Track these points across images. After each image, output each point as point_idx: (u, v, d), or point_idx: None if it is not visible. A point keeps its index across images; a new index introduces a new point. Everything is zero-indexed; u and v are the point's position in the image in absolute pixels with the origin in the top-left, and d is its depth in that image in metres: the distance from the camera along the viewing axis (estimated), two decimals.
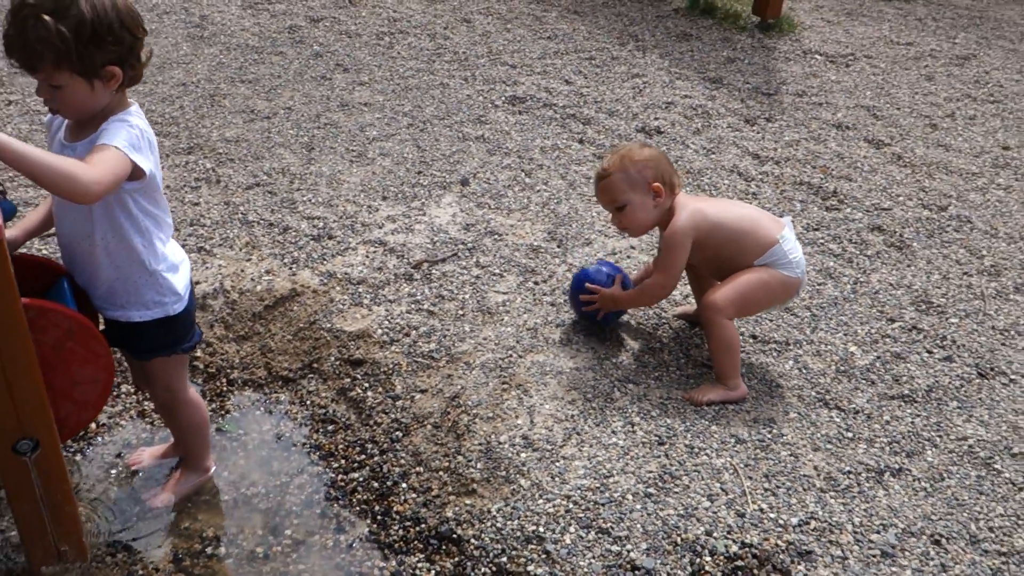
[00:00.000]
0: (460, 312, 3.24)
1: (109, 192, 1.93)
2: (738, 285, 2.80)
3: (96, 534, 2.43)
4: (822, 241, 3.81)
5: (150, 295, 2.20)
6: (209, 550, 2.42)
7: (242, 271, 3.42)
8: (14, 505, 2.04)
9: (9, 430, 1.93)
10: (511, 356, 2.99)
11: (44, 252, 3.31)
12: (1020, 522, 2.41)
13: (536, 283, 3.44)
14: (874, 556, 2.27)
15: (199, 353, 3.07)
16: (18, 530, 2.10)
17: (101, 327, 2.26)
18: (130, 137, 1.97)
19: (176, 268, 2.24)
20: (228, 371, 3.05)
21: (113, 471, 2.66)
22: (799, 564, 2.23)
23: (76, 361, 2.05)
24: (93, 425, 2.75)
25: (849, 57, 6.28)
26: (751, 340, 3.12)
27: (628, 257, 3.65)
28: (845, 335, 3.17)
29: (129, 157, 1.95)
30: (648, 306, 3.03)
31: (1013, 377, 3.00)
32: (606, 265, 3.13)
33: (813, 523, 2.36)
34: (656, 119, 5.07)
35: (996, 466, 2.61)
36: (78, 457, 2.67)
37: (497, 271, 3.51)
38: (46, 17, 1.85)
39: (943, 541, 2.33)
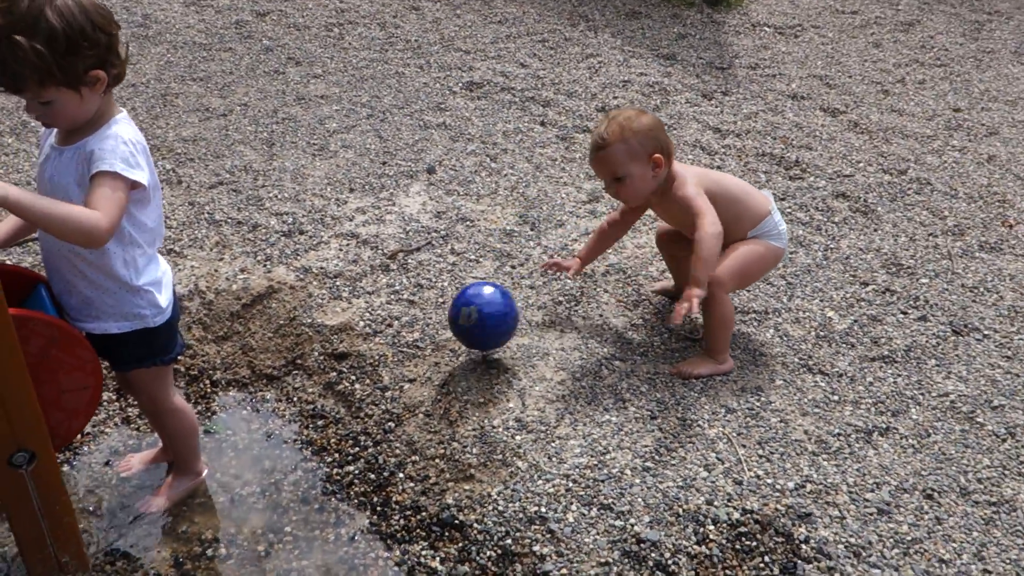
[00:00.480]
0: (440, 300, 3.23)
1: (118, 223, 1.91)
2: (737, 258, 2.82)
3: (94, 543, 2.38)
4: (790, 210, 3.87)
5: (129, 308, 2.14)
6: (210, 552, 2.40)
7: (216, 271, 3.37)
8: (12, 518, 2.00)
9: (3, 443, 1.89)
10: None
11: (28, 263, 3.23)
12: (1007, 472, 2.48)
13: (513, 267, 3.44)
14: (871, 514, 2.32)
15: (179, 356, 3.02)
16: (17, 543, 2.05)
17: None
18: (122, 155, 1.94)
19: (159, 282, 2.18)
20: (210, 372, 3.00)
21: (103, 479, 2.61)
22: (800, 527, 2.27)
23: (63, 369, 2.01)
24: (78, 435, 2.69)
25: (797, 28, 6.37)
26: None
27: None
28: (821, 301, 3.22)
29: (125, 176, 1.93)
30: (717, 256, 2.71)
31: (986, 332, 3.08)
32: (479, 288, 2.87)
33: (809, 486, 2.41)
34: (615, 98, 5.09)
35: (979, 419, 2.68)
36: (66, 468, 2.62)
37: (473, 257, 3.51)
38: (18, 38, 1.78)
39: (935, 495, 2.39)
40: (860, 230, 3.72)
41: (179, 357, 2.39)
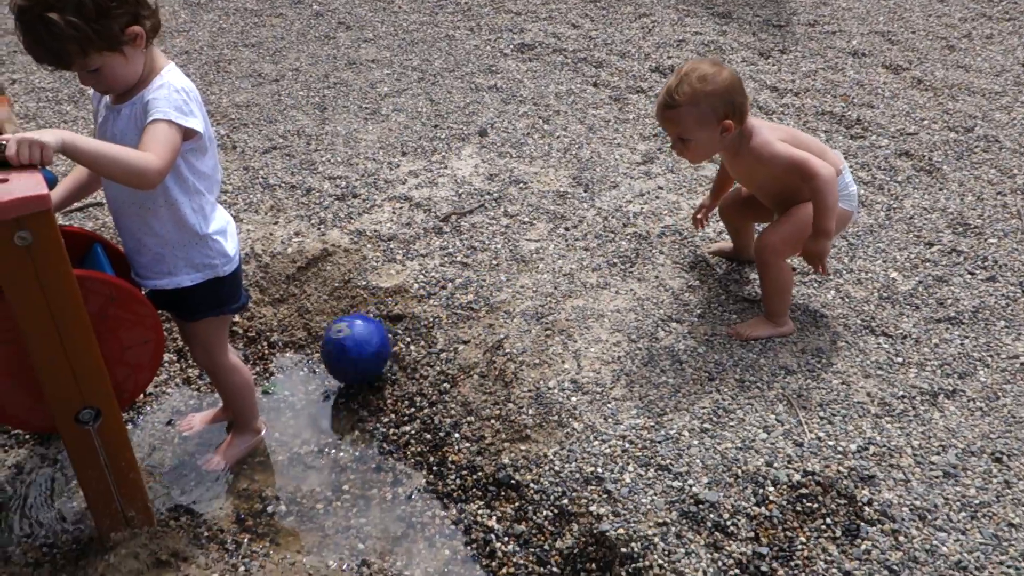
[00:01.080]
0: (494, 262, 3.21)
1: (169, 167, 1.93)
2: (795, 223, 2.70)
3: (158, 499, 2.43)
4: (851, 169, 3.75)
5: (200, 258, 2.18)
6: (270, 508, 2.43)
7: (271, 234, 3.39)
8: (80, 474, 2.04)
9: (71, 401, 1.93)
10: (550, 302, 2.98)
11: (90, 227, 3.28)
12: None
13: (567, 229, 3.41)
14: (936, 477, 2.27)
15: (237, 318, 3.05)
16: (86, 498, 2.10)
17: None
18: (175, 103, 1.96)
19: (225, 231, 2.23)
20: (268, 334, 3.03)
21: (166, 438, 2.66)
22: (863, 489, 2.23)
23: (123, 326, 2.04)
24: (144, 391, 2.73)
25: None
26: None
27: (656, 198, 3.61)
28: (884, 262, 3.14)
29: (179, 124, 1.95)
30: (837, 199, 2.63)
31: None
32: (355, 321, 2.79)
33: (872, 448, 2.36)
34: (669, 58, 5.00)
35: None
36: (130, 426, 2.66)
37: (526, 219, 3.48)
38: (49, 15, 1.80)
39: (1004, 458, 2.32)
40: (924, 189, 3.61)
41: (244, 308, 2.42)
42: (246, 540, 2.31)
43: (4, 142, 1.71)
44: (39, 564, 2.21)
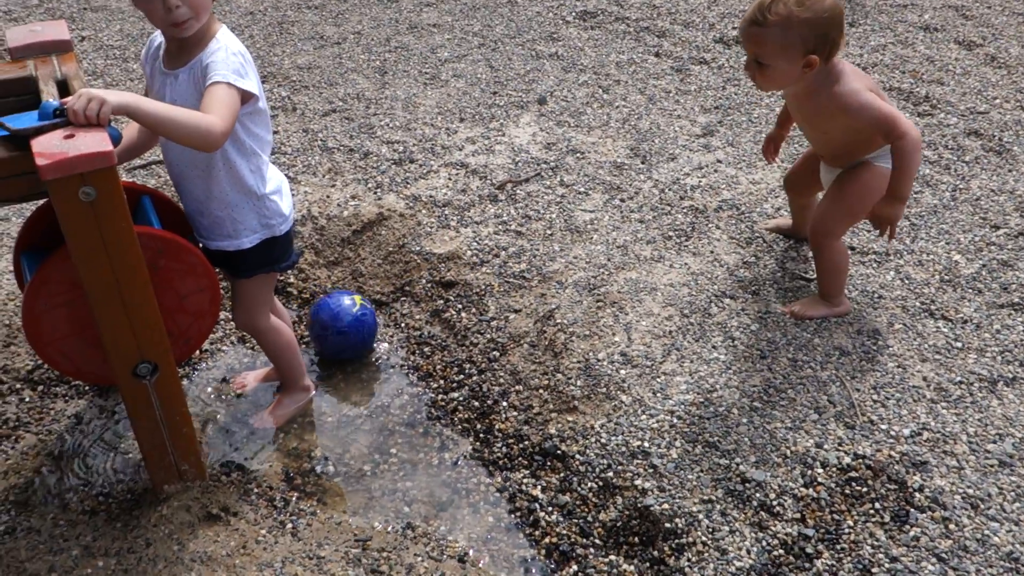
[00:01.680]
0: (548, 232, 3.20)
1: (231, 128, 1.96)
2: (847, 199, 2.64)
3: (211, 454, 2.49)
4: None
5: (259, 219, 2.22)
6: (318, 468, 2.47)
7: (328, 197, 3.42)
8: (136, 427, 2.10)
9: (129, 355, 1.97)
10: (603, 274, 2.96)
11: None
12: None
13: (623, 200, 3.38)
14: (991, 466, 2.22)
15: (292, 279, 3.09)
16: (141, 451, 2.16)
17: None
18: (233, 65, 1.98)
19: (280, 190, 2.26)
20: (321, 296, 3.06)
21: (220, 395, 2.71)
22: (915, 475, 2.19)
23: (176, 276, 2.07)
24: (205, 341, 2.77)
25: None
26: (849, 251, 3.03)
27: (715, 172, 3.56)
28: (947, 244, 3.06)
29: (238, 87, 1.97)
30: (916, 168, 2.49)
31: None
32: (343, 297, 2.82)
33: (926, 434, 2.31)
34: (734, 28, 4.90)
35: None
36: (185, 382, 2.72)
37: (582, 189, 3.46)
38: None
39: None
40: (993, 170, 3.50)
41: (290, 275, 2.45)
42: (294, 498, 2.35)
43: (52, 102, 1.75)
44: (95, 512, 2.28)
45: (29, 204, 2.81)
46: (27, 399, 2.62)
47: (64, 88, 1.98)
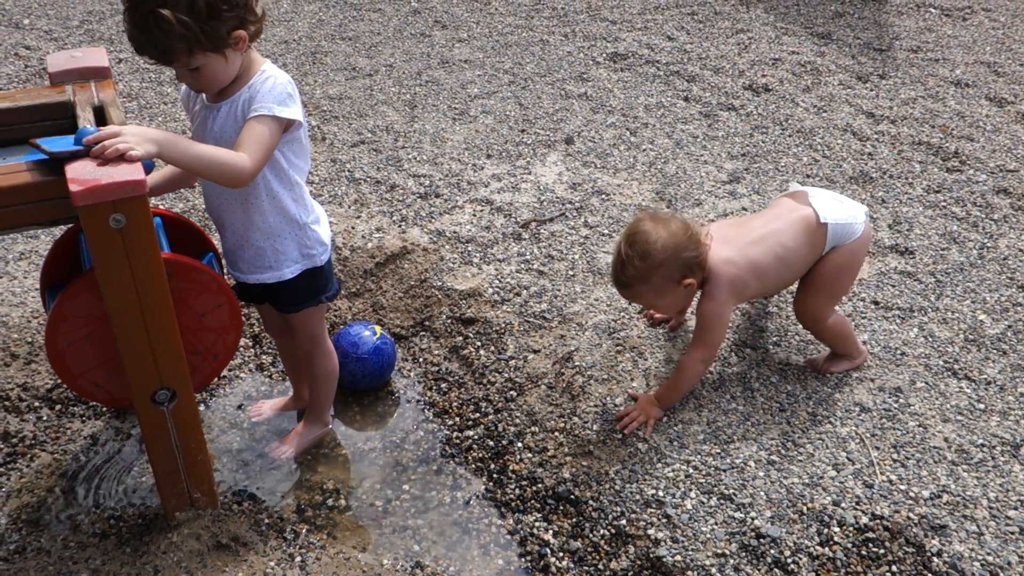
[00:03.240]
0: (570, 272, 3.20)
1: (263, 166, 1.99)
2: (823, 286, 2.58)
3: (223, 483, 2.49)
4: (944, 204, 3.65)
5: (301, 248, 2.24)
6: (330, 502, 2.46)
7: (353, 228, 3.44)
8: (151, 452, 2.10)
9: (149, 381, 1.98)
10: (624, 318, 2.95)
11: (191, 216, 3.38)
12: None
13: None
14: (1012, 533, 2.18)
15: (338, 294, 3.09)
16: (155, 476, 2.16)
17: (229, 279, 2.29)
18: (278, 96, 2.01)
19: (319, 219, 2.29)
20: (341, 327, 3.07)
21: (236, 422, 2.72)
22: (933, 538, 2.15)
23: (190, 295, 2.08)
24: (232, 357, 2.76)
25: (966, 10, 5.99)
26: (872, 306, 3.02)
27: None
28: (973, 302, 3.03)
29: (280, 117, 2.00)
30: (693, 387, 2.58)
31: None
32: (365, 328, 2.84)
33: (946, 496, 2.28)
34: (763, 76, 4.92)
35: None
36: (202, 408, 2.73)
37: (606, 231, 3.46)
38: (163, 11, 1.84)
39: None
40: (1022, 229, 3.48)
41: (338, 295, 2.47)
42: (304, 531, 2.34)
43: (89, 128, 1.78)
44: (105, 535, 2.28)
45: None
46: (44, 417, 2.63)
47: (100, 114, 2.01)
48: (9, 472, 2.46)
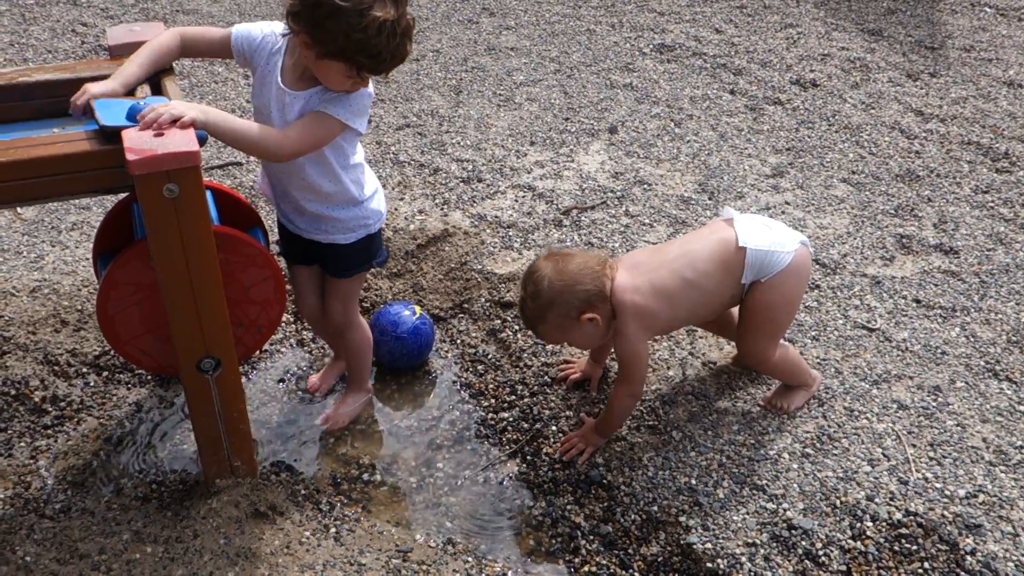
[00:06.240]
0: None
1: (305, 153, 2.06)
2: (760, 325, 2.42)
3: (263, 453, 2.54)
4: (992, 204, 3.60)
5: (358, 220, 2.31)
6: (365, 476, 2.50)
7: (396, 210, 3.47)
8: (195, 420, 2.15)
9: (195, 349, 2.03)
10: None
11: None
12: None
13: (686, 235, 3.37)
14: None
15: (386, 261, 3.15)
16: (197, 443, 2.21)
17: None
18: (355, 105, 2.07)
19: (377, 192, 2.36)
20: (382, 306, 3.11)
21: (276, 395, 2.77)
22: (967, 537, 2.14)
23: (237, 268, 2.12)
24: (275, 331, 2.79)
25: (1022, 11, 5.88)
26: (914, 304, 2.99)
27: (782, 212, 3.54)
28: (1017, 304, 3.00)
29: (345, 123, 2.07)
30: (630, 413, 2.49)
31: None
32: (404, 308, 2.85)
33: (982, 496, 2.26)
34: (811, 71, 4.88)
35: None
36: (244, 379, 2.78)
37: (647, 221, 3.46)
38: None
39: None
40: None
41: (387, 262, 2.51)
42: (339, 503, 2.38)
43: (141, 103, 1.82)
44: (147, 499, 2.34)
45: (110, 197, 2.91)
46: (92, 383, 2.70)
47: (157, 87, 2.05)
48: (56, 435, 2.53)
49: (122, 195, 2.22)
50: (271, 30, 2.14)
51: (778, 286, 2.38)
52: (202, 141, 1.84)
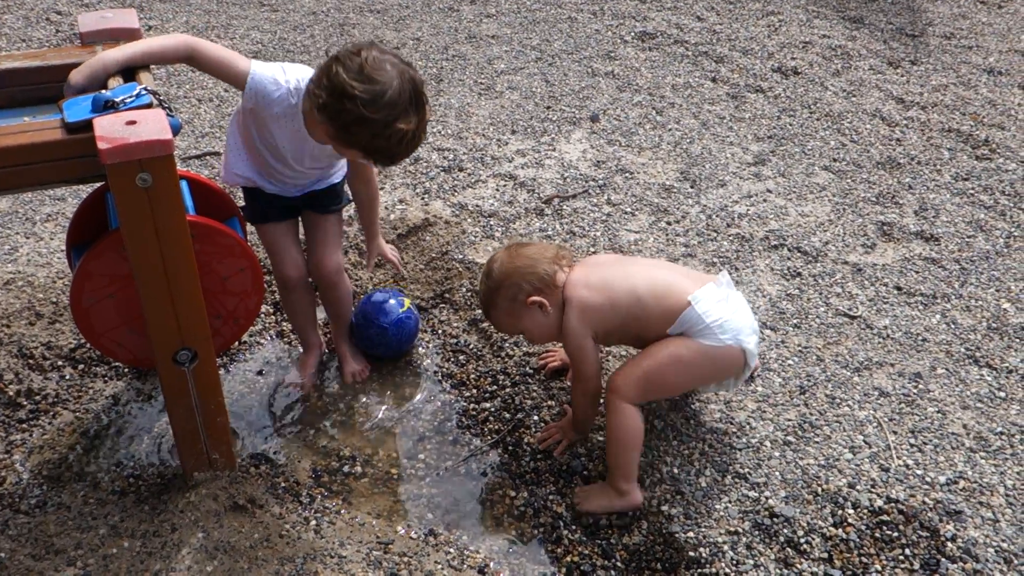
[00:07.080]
0: (592, 249, 3.19)
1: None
2: (643, 362, 2.26)
3: (241, 445, 2.51)
4: (972, 192, 3.61)
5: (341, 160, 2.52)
6: (346, 468, 2.48)
7: None
8: (172, 412, 2.12)
9: (171, 341, 2.00)
10: None
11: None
12: None
13: (668, 223, 3.37)
14: None
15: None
16: (174, 436, 2.18)
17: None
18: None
19: None
20: (375, 289, 3.08)
21: (255, 387, 2.74)
22: (948, 523, 2.15)
23: (213, 259, 2.10)
24: (254, 322, 2.76)
25: None
26: (895, 291, 3.00)
27: (764, 200, 3.54)
28: (997, 291, 3.01)
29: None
30: (595, 408, 2.44)
31: None
32: (390, 296, 2.82)
33: (962, 483, 2.27)
34: (792, 59, 4.87)
35: None
36: (221, 372, 2.75)
37: (628, 209, 3.45)
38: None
39: None
40: None
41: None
42: (320, 496, 2.36)
43: (106, 93, 1.83)
44: (124, 493, 2.31)
45: (85, 187, 2.87)
46: (67, 376, 2.66)
47: (129, 74, 2.02)
48: (32, 429, 2.50)
49: (97, 184, 2.19)
50: (287, 85, 2.20)
51: (692, 349, 2.24)
52: (176, 129, 1.81)
